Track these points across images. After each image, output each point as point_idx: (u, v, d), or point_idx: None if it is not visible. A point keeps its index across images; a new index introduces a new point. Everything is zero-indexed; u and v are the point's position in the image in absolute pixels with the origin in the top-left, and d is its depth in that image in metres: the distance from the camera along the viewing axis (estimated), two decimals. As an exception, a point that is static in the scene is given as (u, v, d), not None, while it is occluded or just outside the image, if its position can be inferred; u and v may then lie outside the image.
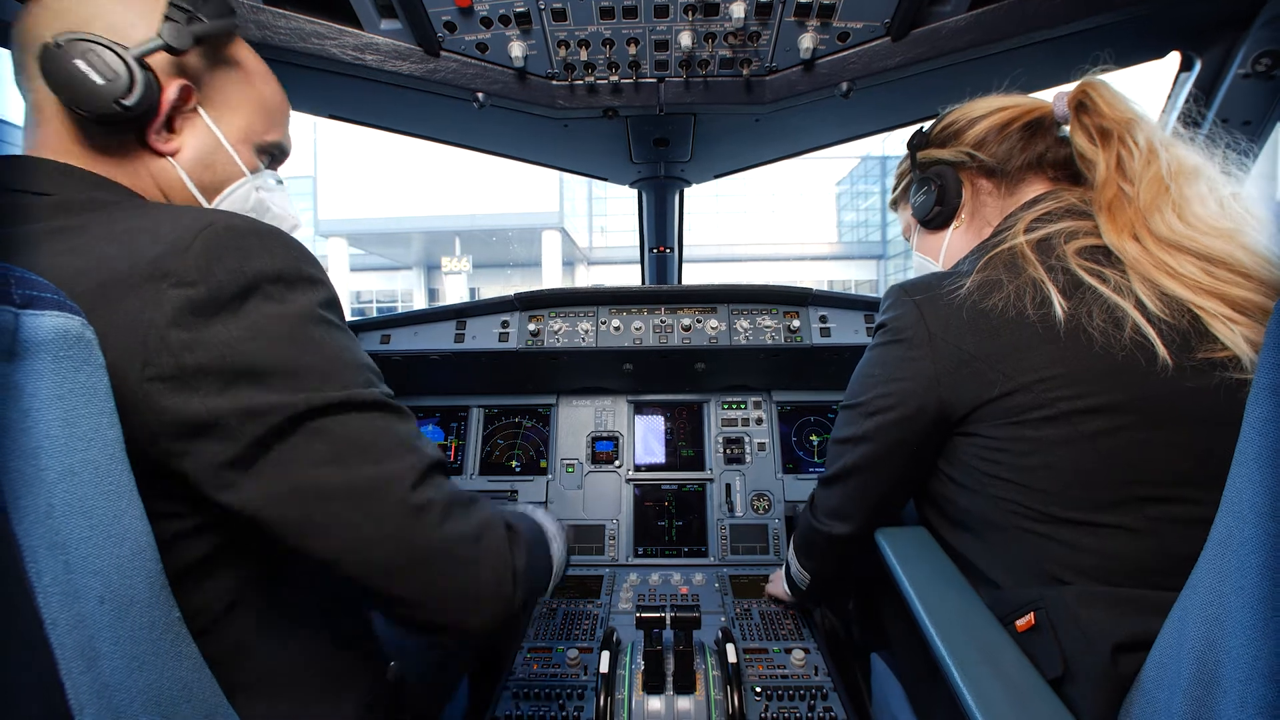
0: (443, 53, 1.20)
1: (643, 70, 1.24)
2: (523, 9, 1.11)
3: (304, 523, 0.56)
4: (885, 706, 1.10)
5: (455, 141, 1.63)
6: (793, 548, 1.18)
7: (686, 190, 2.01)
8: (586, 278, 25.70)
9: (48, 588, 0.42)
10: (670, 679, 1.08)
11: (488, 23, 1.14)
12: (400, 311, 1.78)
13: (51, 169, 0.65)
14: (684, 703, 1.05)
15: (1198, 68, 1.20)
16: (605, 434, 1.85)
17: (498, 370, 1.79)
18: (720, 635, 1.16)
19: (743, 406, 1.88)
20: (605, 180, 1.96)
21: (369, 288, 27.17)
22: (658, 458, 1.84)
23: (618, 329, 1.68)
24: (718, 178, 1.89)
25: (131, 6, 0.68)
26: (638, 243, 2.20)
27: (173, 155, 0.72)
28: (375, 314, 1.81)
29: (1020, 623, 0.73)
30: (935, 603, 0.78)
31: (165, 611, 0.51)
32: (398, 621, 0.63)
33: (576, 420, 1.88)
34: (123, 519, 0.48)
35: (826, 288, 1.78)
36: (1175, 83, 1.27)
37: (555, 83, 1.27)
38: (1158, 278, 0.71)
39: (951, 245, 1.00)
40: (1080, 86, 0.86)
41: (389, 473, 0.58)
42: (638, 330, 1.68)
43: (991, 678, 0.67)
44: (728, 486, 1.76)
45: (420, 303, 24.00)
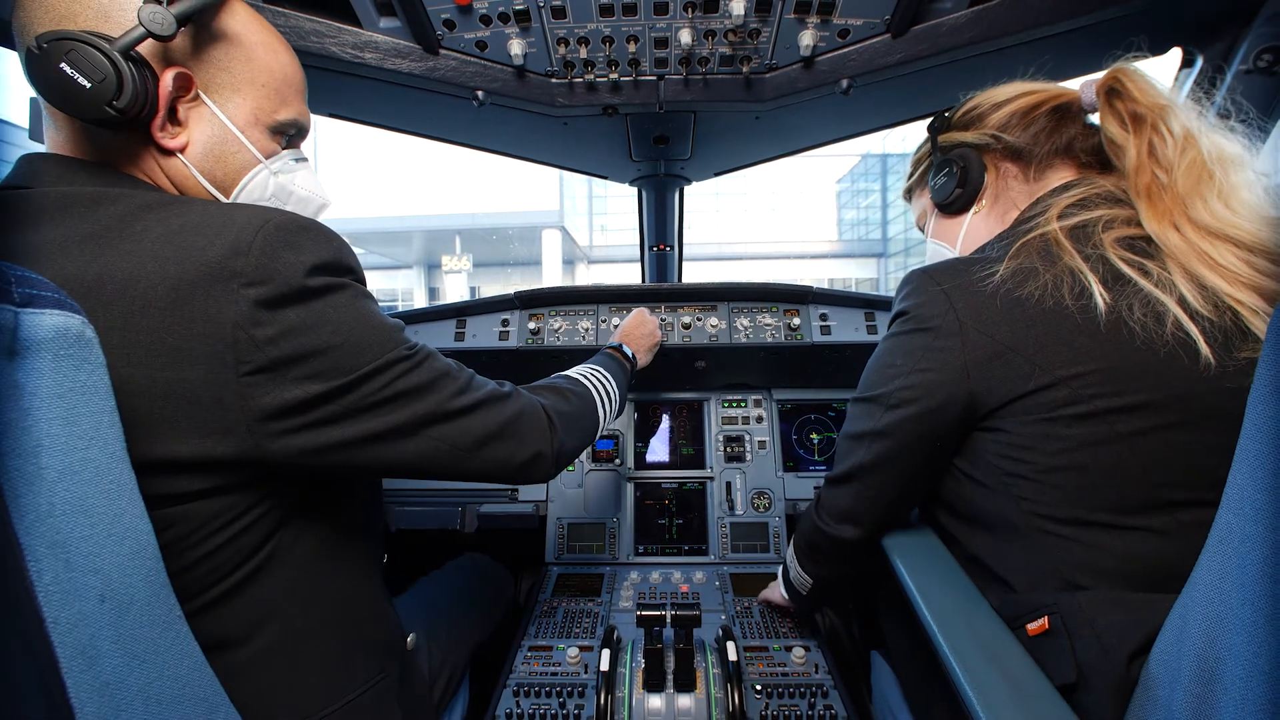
0: (442, 51, 1.20)
1: (642, 68, 1.24)
2: (522, 7, 1.11)
3: (380, 450, 0.67)
4: (885, 704, 1.10)
5: (455, 140, 1.63)
6: (793, 551, 1.12)
7: (686, 188, 2.00)
8: (587, 276, 25.69)
9: (48, 587, 0.42)
10: (671, 677, 1.08)
11: (487, 20, 1.14)
12: (400, 310, 1.78)
13: (78, 168, 0.64)
14: (684, 700, 1.05)
15: (1199, 64, 1.20)
16: (605, 432, 1.85)
17: (498, 368, 1.79)
18: (721, 633, 1.16)
19: (743, 405, 1.87)
20: (605, 178, 1.95)
21: (369, 286, 27.06)
22: (658, 456, 1.84)
23: (618, 327, 1.68)
24: (718, 175, 1.89)
25: None
26: (638, 241, 2.20)
27: (181, 151, 0.69)
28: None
29: (1032, 626, 0.71)
30: (940, 605, 0.77)
31: (165, 609, 0.52)
32: (470, 481, 0.80)
33: None
34: (123, 518, 0.48)
35: (827, 285, 1.78)
36: (1176, 79, 1.26)
37: (555, 80, 1.27)
38: (1197, 269, 0.69)
39: (971, 231, 0.97)
40: (1111, 72, 0.83)
41: (441, 398, 0.72)
42: (638, 328, 1.68)
43: (998, 683, 0.66)
44: (728, 485, 1.76)
45: (420, 301, 24.00)
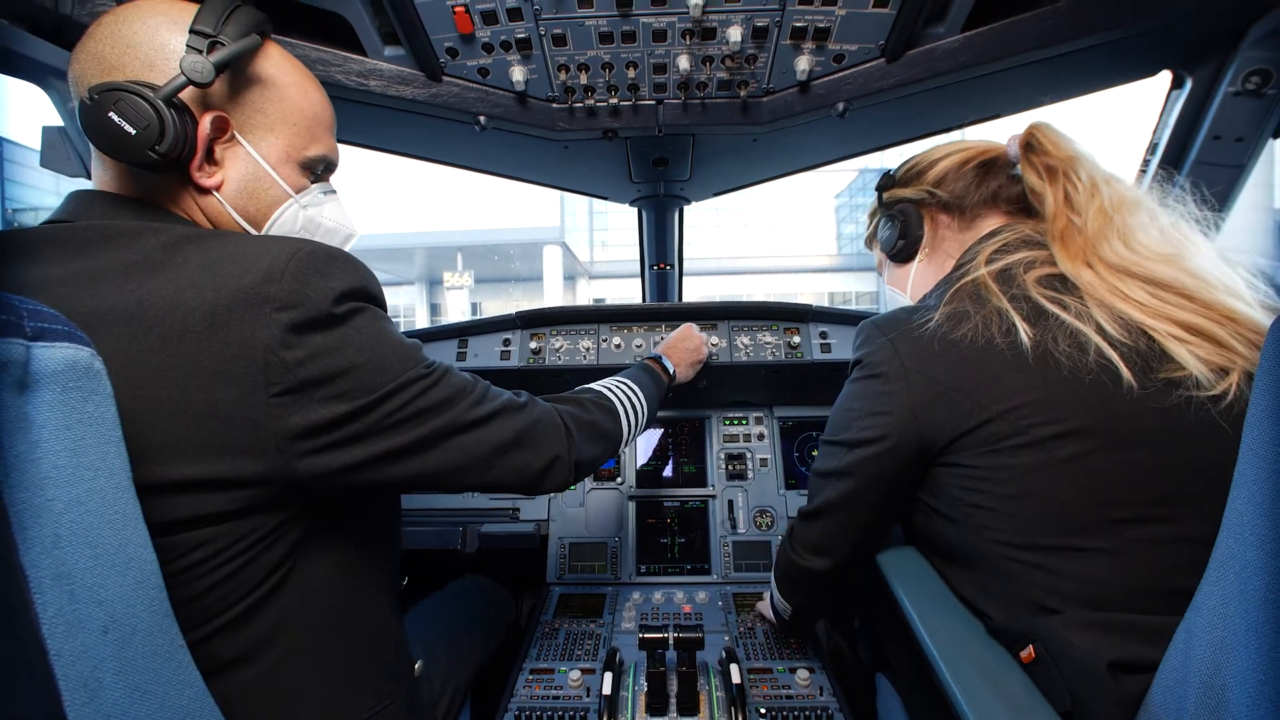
0: (445, 77, 1.23)
1: (641, 93, 1.27)
2: (523, 35, 1.13)
3: (403, 465, 0.70)
4: (891, 728, 1.08)
5: (457, 163, 1.65)
6: (773, 578, 1.17)
7: (686, 206, 2.03)
8: (588, 291, 25.79)
9: (52, 619, 0.43)
10: (674, 701, 1.07)
11: (489, 48, 1.16)
12: (403, 331, 1.79)
13: (122, 204, 0.68)
14: (688, 725, 1.04)
15: (1189, 86, 1.22)
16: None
17: (499, 388, 1.79)
18: (724, 655, 1.15)
19: (744, 422, 1.87)
20: (605, 199, 1.98)
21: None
22: (660, 474, 1.84)
23: (619, 346, 1.69)
24: (717, 195, 1.91)
25: (158, 38, 0.67)
26: (638, 258, 2.22)
27: (217, 189, 0.72)
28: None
29: (1023, 655, 0.72)
30: (941, 632, 0.77)
31: (168, 639, 0.52)
32: (491, 491, 0.83)
33: None
34: (127, 547, 0.48)
35: (827, 300, 1.79)
36: (1167, 101, 1.28)
37: (555, 105, 1.30)
38: (1112, 302, 0.75)
39: (917, 278, 1.05)
40: (1028, 129, 0.92)
41: (459, 410, 0.74)
42: (639, 348, 1.69)
43: (1000, 711, 0.66)
44: (730, 503, 1.75)
45: (423, 317, 24.07)
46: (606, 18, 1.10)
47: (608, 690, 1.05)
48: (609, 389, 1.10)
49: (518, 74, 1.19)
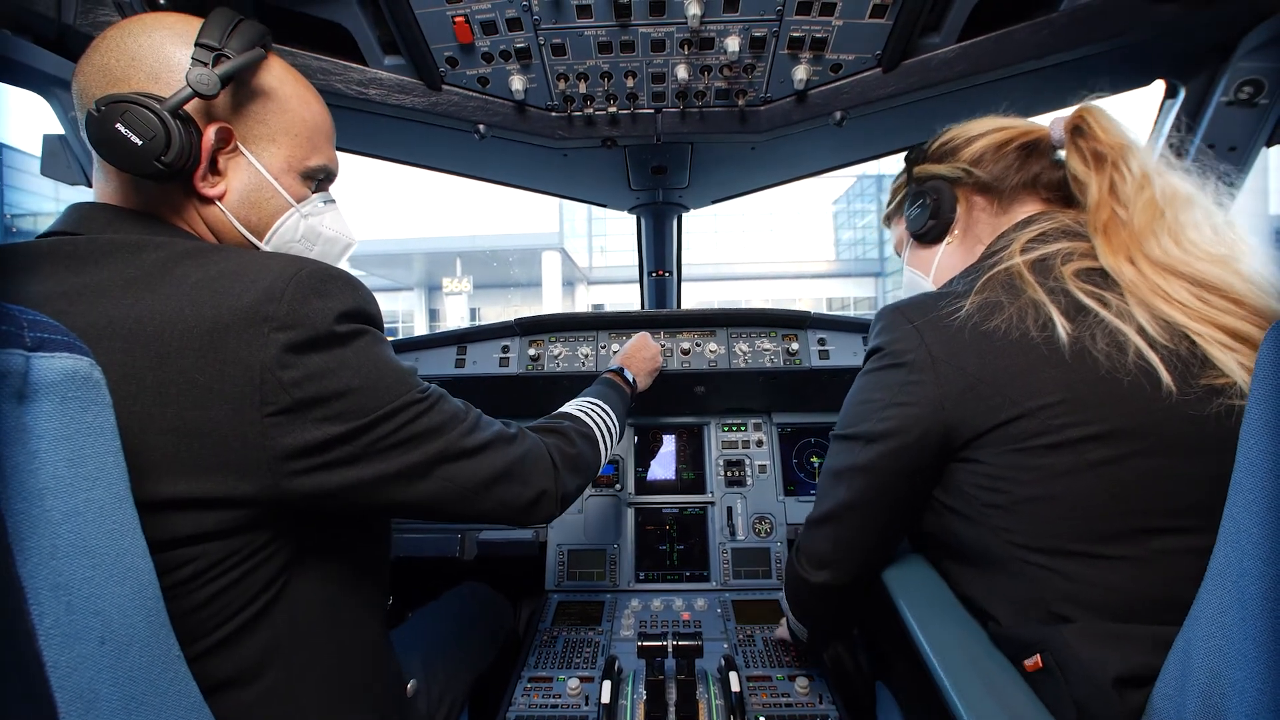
0: (444, 86, 1.23)
1: (640, 102, 1.27)
2: (523, 45, 1.14)
3: (393, 491, 0.69)
4: (891, 737, 1.08)
5: (457, 171, 1.66)
6: (784, 600, 1.11)
7: (684, 213, 2.03)
8: (587, 297, 25.82)
9: (49, 630, 0.42)
10: (673, 709, 1.06)
11: (488, 58, 1.17)
12: (401, 338, 1.79)
13: (125, 217, 0.69)
14: (687, 734, 1.03)
15: (1182, 95, 1.23)
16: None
17: (498, 395, 1.79)
18: (723, 663, 1.15)
19: (743, 429, 1.87)
20: (604, 207, 1.99)
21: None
22: (659, 480, 1.84)
23: (617, 353, 1.69)
24: (715, 203, 1.92)
25: (164, 51, 0.68)
26: (637, 264, 2.22)
27: (220, 199, 0.73)
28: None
29: (1028, 663, 0.71)
30: (941, 639, 0.76)
31: (164, 651, 0.51)
32: (478, 522, 0.81)
33: None
34: (125, 558, 0.48)
35: (825, 305, 1.80)
36: (1161, 109, 1.30)
37: (554, 114, 1.30)
38: (1154, 302, 0.71)
39: (943, 261, 0.99)
40: (1078, 111, 0.86)
41: (452, 439, 0.74)
42: (637, 354, 1.69)
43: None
44: (729, 509, 1.75)
45: (421, 322, 24.08)
46: (605, 28, 1.11)
47: (606, 699, 1.05)
48: (587, 414, 1.08)
49: (517, 83, 1.20)
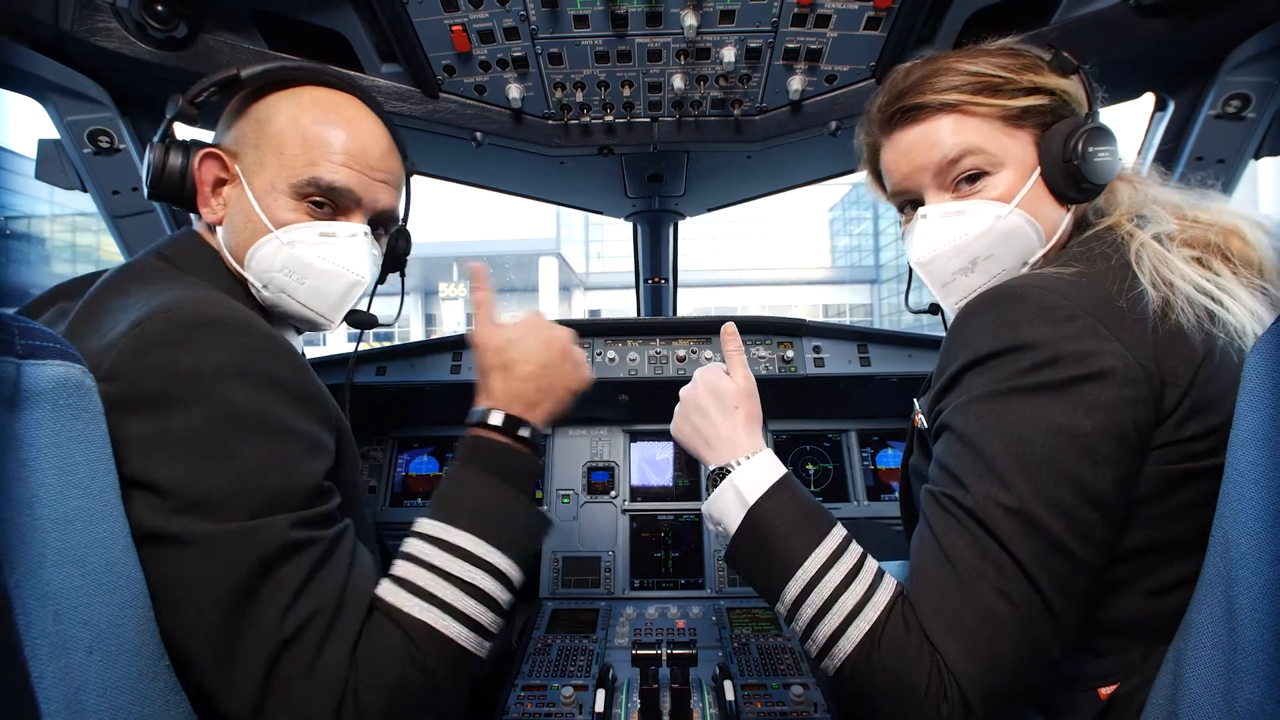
0: (442, 94, 1.24)
1: (636, 110, 1.28)
2: (520, 54, 1.15)
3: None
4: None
5: (454, 178, 1.67)
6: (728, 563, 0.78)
7: (680, 221, 2.04)
8: (583, 302, 25.85)
9: (35, 639, 0.42)
10: (667, 717, 1.05)
11: (486, 66, 1.18)
12: (397, 344, 1.79)
13: (181, 238, 0.79)
14: (681, 743, 1.03)
15: (1171, 109, 1.25)
16: (601, 464, 1.85)
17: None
18: (718, 671, 1.14)
19: (738, 436, 1.87)
20: (601, 214, 1.99)
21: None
22: (654, 487, 1.83)
23: (613, 360, 1.69)
24: (711, 211, 1.93)
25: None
26: (633, 272, 2.23)
27: (219, 224, 0.77)
28: (372, 343, 1.81)
29: (1104, 691, 0.64)
30: None
31: (153, 660, 0.51)
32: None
33: (572, 450, 1.88)
34: (115, 567, 0.48)
35: (821, 311, 1.80)
36: (1150, 122, 1.31)
37: (551, 122, 1.31)
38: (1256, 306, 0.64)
39: (1065, 226, 0.77)
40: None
41: (257, 618, 0.53)
42: (633, 361, 1.69)
43: None
44: (724, 517, 1.74)
45: (418, 327, 24.03)
46: (602, 38, 1.12)
47: (600, 708, 1.04)
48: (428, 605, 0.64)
49: (514, 91, 1.21)
